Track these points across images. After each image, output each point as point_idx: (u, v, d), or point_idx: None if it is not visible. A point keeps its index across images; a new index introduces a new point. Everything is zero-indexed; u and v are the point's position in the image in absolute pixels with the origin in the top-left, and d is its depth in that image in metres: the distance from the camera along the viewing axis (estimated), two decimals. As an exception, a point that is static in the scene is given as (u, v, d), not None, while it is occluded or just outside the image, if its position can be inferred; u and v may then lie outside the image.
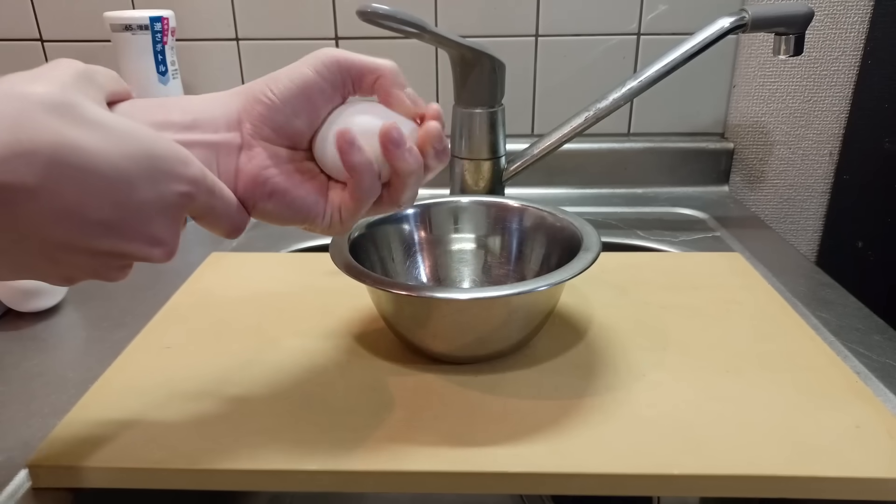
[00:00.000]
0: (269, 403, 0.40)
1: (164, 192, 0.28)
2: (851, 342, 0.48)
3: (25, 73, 0.27)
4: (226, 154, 0.32)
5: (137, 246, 0.28)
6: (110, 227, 0.27)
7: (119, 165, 0.26)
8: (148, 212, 0.28)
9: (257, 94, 0.33)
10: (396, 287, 0.40)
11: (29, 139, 0.24)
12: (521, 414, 0.39)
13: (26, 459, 0.36)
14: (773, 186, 0.87)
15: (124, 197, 0.27)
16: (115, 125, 0.27)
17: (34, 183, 0.25)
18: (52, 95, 0.25)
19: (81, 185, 0.26)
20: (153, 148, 0.28)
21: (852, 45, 0.80)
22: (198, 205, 0.30)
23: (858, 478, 0.34)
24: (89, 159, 0.26)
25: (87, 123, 0.26)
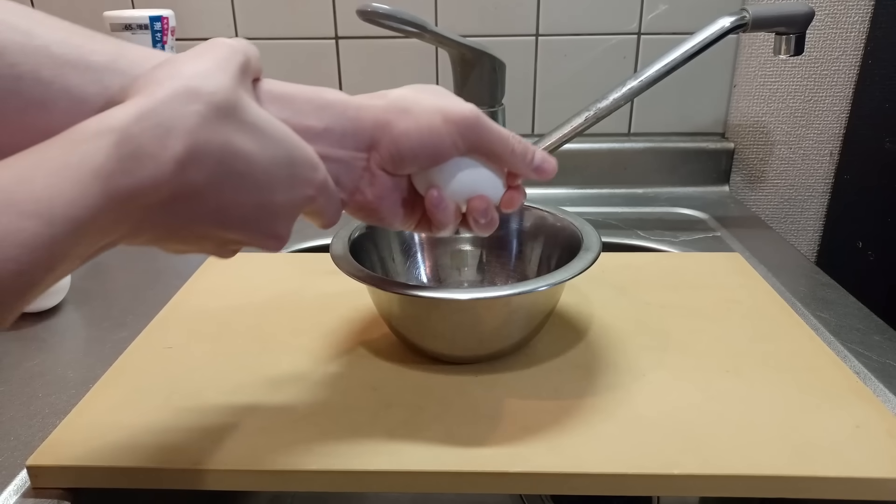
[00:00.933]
0: (269, 403, 0.40)
1: (296, 195, 0.30)
2: (851, 342, 0.48)
3: (191, 55, 0.27)
4: (348, 171, 0.34)
5: (260, 238, 0.30)
6: (245, 222, 0.29)
7: (270, 171, 0.28)
8: (279, 211, 0.30)
9: (393, 133, 0.33)
10: (396, 287, 0.40)
11: (205, 143, 0.26)
12: (521, 414, 0.39)
13: (26, 459, 0.36)
14: (773, 186, 0.87)
15: (267, 198, 0.29)
16: (270, 130, 0.28)
17: (202, 184, 0.26)
18: (223, 96, 0.26)
19: (237, 187, 0.27)
20: (295, 154, 0.29)
21: (853, 45, 0.80)
22: (314, 206, 0.32)
23: (858, 478, 0.34)
24: (248, 164, 0.27)
25: (248, 128, 0.27)
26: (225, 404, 0.40)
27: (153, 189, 0.25)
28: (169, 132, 0.25)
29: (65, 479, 0.36)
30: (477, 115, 0.34)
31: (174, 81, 0.26)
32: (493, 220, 0.37)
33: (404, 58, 0.81)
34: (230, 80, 0.27)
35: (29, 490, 0.36)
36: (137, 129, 0.24)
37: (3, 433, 0.40)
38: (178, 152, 0.25)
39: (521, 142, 0.36)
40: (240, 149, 0.27)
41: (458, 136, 0.34)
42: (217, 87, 0.26)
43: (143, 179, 0.24)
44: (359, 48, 0.81)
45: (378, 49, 0.81)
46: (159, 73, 0.26)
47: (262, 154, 0.28)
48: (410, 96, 0.34)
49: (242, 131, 0.27)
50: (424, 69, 0.82)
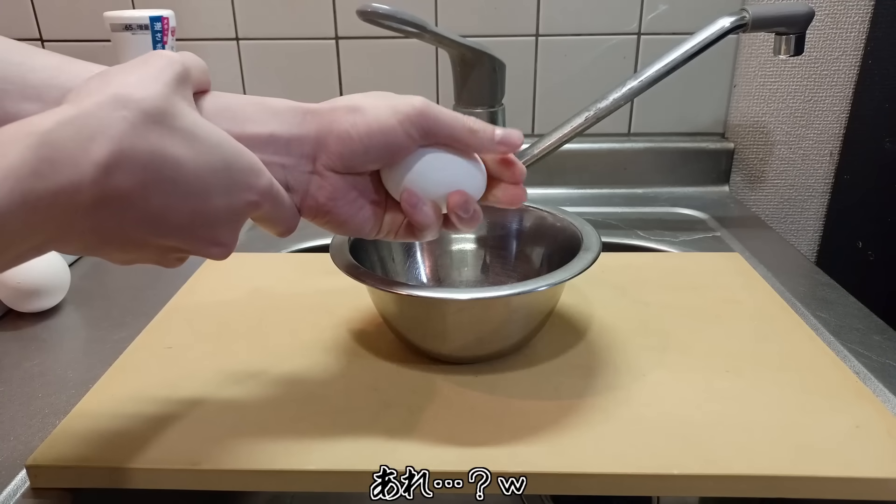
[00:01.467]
0: (269, 403, 0.40)
1: (236, 202, 0.30)
2: (851, 342, 0.48)
3: (126, 67, 0.28)
4: (296, 176, 0.33)
5: (201, 246, 0.30)
6: (182, 229, 0.29)
7: (203, 177, 0.28)
8: (218, 218, 0.30)
9: (338, 130, 0.33)
10: (396, 287, 0.40)
11: (131, 148, 0.25)
12: (521, 414, 0.39)
13: (26, 459, 0.36)
14: (773, 186, 0.87)
15: (201, 205, 0.29)
16: (206, 136, 0.28)
17: (129, 189, 0.26)
18: (153, 103, 0.26)
19: (167, 193, 0.27)
20: (233, 160, 0.29)
21: (852, 45, 0.80)
22: (261, 212, 0.32)
23: (858, 478, 0.34)
24: (179, 170, 0.27)
25: (180, 134, 0.27)
26: (225, 404, 0.40)
27: (72, 193, 0.24)
28: (93, 137, 0.25)
29: (65, 479, 0.36)
30: (425, 102, 0.34)
31: (104, 90, 0.26)
32: (475, 214, 0.36)
33: (404, 58, 0.81)
34: (162, 87, 0.27)
35: (28, 490, 0.36)
36: (58, 134, 0.24)
37: (3, 433, 0.40)
38: (100, 157, 0.25)
39: (478, 121, 0.35)
40: (170, 154, 0.27)
41: (410, 125, 0.33)
42: (147, 94, 0.26)
43: (59, 183, 0.24)
44: (359, 48, 0.81)
45: (378, 49, 0.81)
46: (91, 84, 0.27)
47: (195, 160, 0.27)
48: (358, 98, 0.34)
49: (173, 137, 0.27)
50: (424, 69, 0.82)
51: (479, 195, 0.36)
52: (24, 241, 0.25)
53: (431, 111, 0.34)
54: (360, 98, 0.34)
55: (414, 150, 0.35)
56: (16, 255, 0.25)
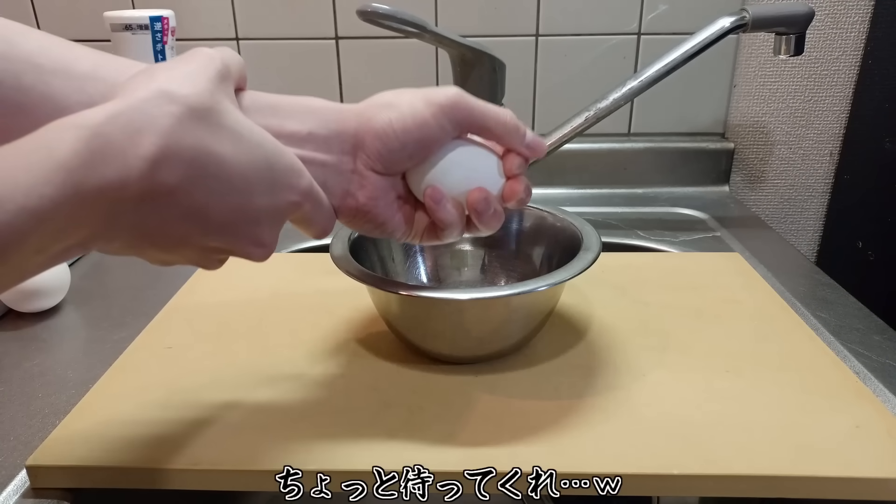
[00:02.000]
0: (269, 403, 0.40)
1: (278, 201, 0.30)
2: (851, 342, 0.48)
3: (170, 63, 0.28)
4: (336, 175, 0.33)
5: (243, 245, 0.30)
6: (225, 227, 0.29)
7: (246, 174, 0.28)
8: (260, 217, 0.30)
9: (376, 128, 0.33)
10: (396, 287, 0.40)
11: (177, 144, 0.26)
12: (521, 414, 0.39)
13: (26, 459, 0.36)
14: (773, 186, 0.87)
15: (244, 203, 0.29)
16: (248, 134, 0.28)
17: (174, 185, 0.26)
18: (199, 99, 0.26)
19: (211, 190, 0.27)
20: (275, 159, 0.29)
21: (852, 45, 0.80)
22: (301, 213, 0.32)
23: (858, 478, 0.34)
24: (222, 167, 0.27)
25: (225, 131, 0.27)
26: (225, 404, 0.40)
27: (119, 187, 0.25)
28: (140, 131, 0.25)
29: (65, 479, 0.36)
30: (460, 93, 0.34)
31: (150, 85, 0.26)
32: (496, 213, 0.36)
33: (404, 58, 0.81)
34: (207, 83, 0.27)
35: (28, 490, 0.36)
36: (109, 127, 0.24)
37: (3, 433, 0.40)
38: (148, 151, 0.25)
39: (513, 116, 0.35)
40: (214, 151, 0.27)
41: (445, 117, 0.33)
42: (192, 91, 0.26)
43: (108, 176, 0.24)
44: (359, 48, 0.81)
45: (378, 49, 0.81)
46: (137, 79, 0.27)
47: (238, 158, 0.28)
48: (391, 95, 0.34)
49: (218, 134, 0.27)
50: (424, 69, 0.82)
51: (499, 195, 0.36)
52: (70, 236, 0.25)
53: (465, 101, 0.34)
54: (394, 94, 0.34)
55: (446, 143, 0.35)
56: (62, 249, 0.25)
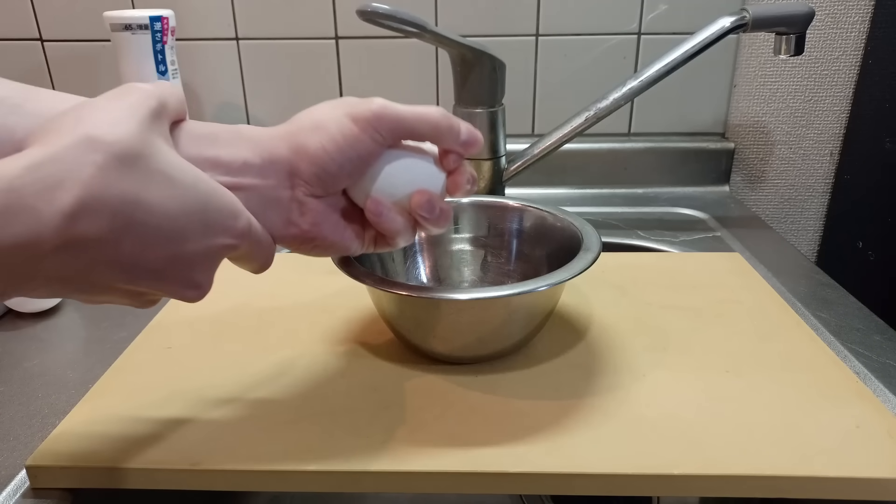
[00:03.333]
0: (269, 403, 0.40)
1: (212, 245, 0.29)
2: (851, 342, 0.48)
3: (99, 102, 0.27)
4: (275, 204, 0.32)
5: (175, 289, 0.29)
6: (154, 274, 0.28)
7: (177, 220, 0.27)
8: (193, 261, 0.29)
9: (310, 153, 0.32)
10: (396, 287, 0.40)
11: (100, 195, 0.25)
12: (521, 414, 0.39)
13: (26, 459, 0.36)
14: (773, 186, 0.87)
15: (175, 249, 0.28)
16: (181, 176, 0.27)
17: (96, 235, 0.25)
18: (126, 145, 0.25)
19: (139, 239, 0.26)
20: (209, 202, 0.28)
21: (853, 45, 0.80)
22: (238, 253, 0.31)
23: (858, 478, 0.34)
24: (152, 214, 0.26)
25: (155, 176, 0.26)
26: (225, 404, 0.40)
27: (33, 244, 0.24)
28: (61, 184, 0.24)
29: (64, 479, 0.36)
30: (383, 103, 0.33)
31: (76, 129, 0.25)
32: (443, 213, 0.35)
33: (404, 58, 0.82)
34: (136, 126, 0.26)
35: (28, 490, 0.36)
36: (25, 181, 0.24)
37: (3, 433, 0.40)
38: (66, 205, 0.24)
39: (446, 115, 0.34)
40: (142, 199, 0.26)
41: (374, 130, 0.33)
42: (120, 136, 0.25)
43: (20, 233, 0.23)
44: (359, 48, 0.81)
45: (378, 49, 0.81)
46: (64, 120, 0.26)
47: (168, 203, 0.27)
48: (317, 113, 0.33)
49: (147, 180, 0.26)
50: (424, 69, 0.82)
51: (442, 192, 0.36)
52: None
53: (390, 111, 0.33)
54: (319, 112, 0.33)
55: (381, 153, 0.34)
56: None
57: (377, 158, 0.34)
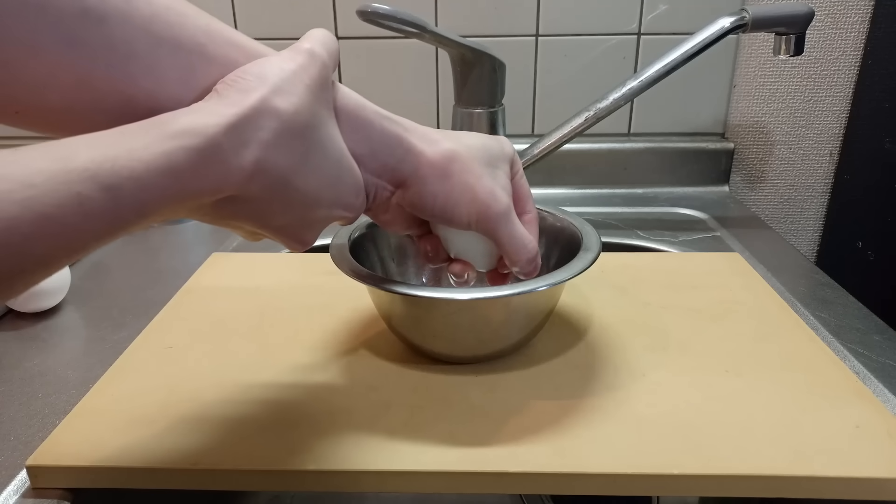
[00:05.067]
0: (269, 403, 0.40)
1: (334, 214, 0.32)
2: (851, 342, 0.48)
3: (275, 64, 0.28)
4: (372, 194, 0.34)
5: (287, 241, 0.32)
6: (281, 228, 0.31)
7: (318, 191, 0.30)
8: (313, 223, 0.32)
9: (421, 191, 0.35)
10: (396, 287, 0.40)
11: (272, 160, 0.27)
12: (521, 414, 0.39)
13: (26, 459, 0.36)
14: (773, 186, 0.87)
15: (307, 213, 0.31)
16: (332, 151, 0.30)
17: (260, 194, 0.28)
18: (297, 118, 0.28)
19: (286, 201, 0.29)
20: (344, 177, 0.31)
21: (852, 45, 0.80)
22: (343, 223, 0.34)
23: (858, 478, 0.34)
24: (303, 184, 0.29)
25: (315, 147, 0.29)
26: (225, 404, 0.40)
27: (213, 191, 0.26)
28: (247, 144, 0.26)
29: (65, 479, 0.36)
30: (502, 213, 0.35)
31: (259, 91, 0.27)
32: (465, 283, 0.41)
33: (404, 58, 0.82)
34: (308, 98, 0.28)
35: (28, 490, 0.36)
36: (224, 139, 0.25)
37: (3, 433, 0.40)
38: (248, 164, 0.26)
39: (528, 248, 0.37)
40: (301, 168, 0.28)
41: (475, 220, 0.35)
42: (294, 105, 0.27)
43: (208, 184, 0.26)
44: (359, 48, 0.81)
45: (378, 49, 0.81)
46: (248, 79, 0.27)
47: (316, 174, 0.29)
48: (460, 157, 0.35)
49: (310, 150, 0.29)
50: (424, 69, 0.82)
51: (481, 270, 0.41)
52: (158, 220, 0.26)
53: (502, 225, 0.36)
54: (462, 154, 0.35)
55: None
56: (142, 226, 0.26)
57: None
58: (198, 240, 0.71)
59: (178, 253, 0.68)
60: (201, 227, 0.75)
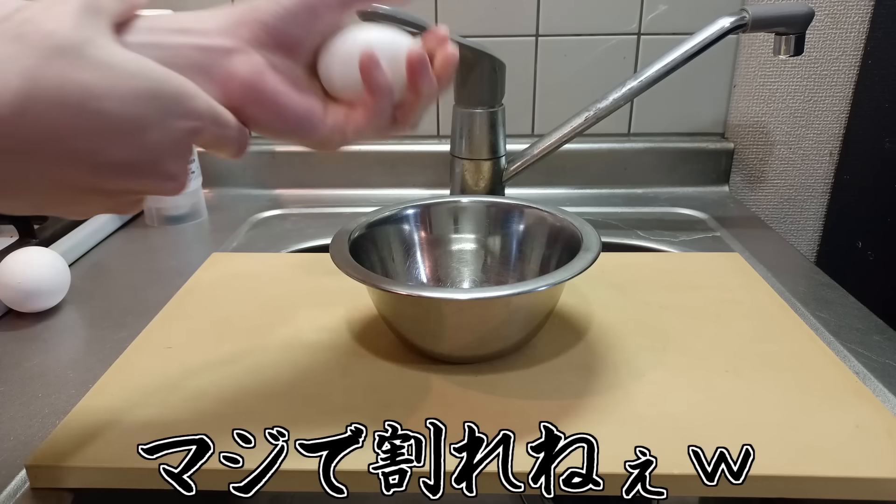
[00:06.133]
0: (269, 403, 0.40)
1: (174, 130, 0.28)
2: (851, 342, 0.48)
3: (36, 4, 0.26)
4: (217, 57, 0.31)
5: (150, 182, 0.29)
6: (123, 167, 0.28)
7: (128, 108, 0.26)
8: (159, 150, 0.28)
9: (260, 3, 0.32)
10: (396, 287, 0.40)
11: (42, 83, 0.25)
12: (521, 414, 0.39)
13: (26, 459, 0.36)
14: (773, 186, 0.87)
15: (136, 138, 0.27)
16: (123, 65, 0.27)
17: (50, 125, 0.25)
18: (62, 36, 0.25)
19: (96, 129, 0.26)
20: (161, 86, 0.28)
21: (852, 45, 0.80)
22: (205, 136, 0.30)
23: (858, 478, 0.34)
24: (101, 103, 0.26)
25: (96, 65, 0.26)
26: (225, 404, 0.40)
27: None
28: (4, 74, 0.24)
29: (65, 479, 0.36)
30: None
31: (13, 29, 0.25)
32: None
33: (404, 58, 0.81)
34: (70, 22, 0.26)
35: (28, 490, 0.36)
36: None
37: (3, 433, 0.40)
38: (11, 95, 0.24)
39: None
40: (88, 86, 0.25)
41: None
42: (54, 29, 0.25)
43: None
44: (359, 48, 0.81)
45: (378, 49, 0.81)
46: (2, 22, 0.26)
47: (116, 91, 0.26)
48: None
49: (89, 68, 0.26)
50: (424, 69, 0.82)
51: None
52: None
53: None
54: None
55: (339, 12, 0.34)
56: None
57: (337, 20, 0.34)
58: (198, 240, 0.71)
59: (178, 253, 0.68)
60: (201, 226, 0.75)
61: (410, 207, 0.52)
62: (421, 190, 0.84)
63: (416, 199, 0.53)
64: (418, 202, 0.52)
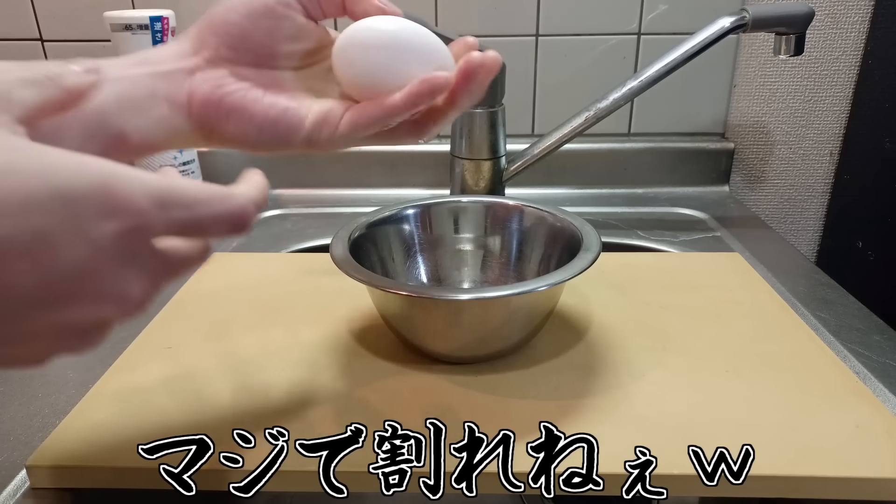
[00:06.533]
0: (269, 403, 0.40)
1: (99, 238, 0.21)
2: (851, 342, 0.48)
3: None
4: (176, 81, 0.30)
5: (89, 310, 0.23)
6: (38, 301, 0.22)
7: (24, 221, 0.20)
8: (85, 268, 0.22)
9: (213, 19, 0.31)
10: (396, 287, 0.40)
11: None
12: (521, 414, 0.39)
13: (26, 459, 0.36)
14: (773, 186, 0.87)
15: (43, 259, 0.21)
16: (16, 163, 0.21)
17: None
18: None
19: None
20: (69, 183, 0.21)
21: (852, 45, 0.80)
22: (156, 229, 0.23)
23: (858, 478, 0.34)
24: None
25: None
26: (225, 404, 0.40)
27: None
28: None
29: (65, 479, 0.36)
30: None
31: None
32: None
33: (404, 58, 0.81)
34: None
35: (28, 490, 0.36)
36: None
37: (3, 433, 0.40)
38: None
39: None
40: None
41: None
42: None
43: None
44: (359, 48, 0.81)
45: (378, 49, 0.81)
46: None
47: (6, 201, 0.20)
48: None
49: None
50: (424, 69, 0.82)
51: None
52: None
53: None
54: None
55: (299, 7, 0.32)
56: None
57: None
58: (198, 240, 0.71)
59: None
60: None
61: (410, 207, 0.52)
62: (421, 190, 0.84)
63: (416, 199, 0.53)
64: (418, 202, 0.52)
